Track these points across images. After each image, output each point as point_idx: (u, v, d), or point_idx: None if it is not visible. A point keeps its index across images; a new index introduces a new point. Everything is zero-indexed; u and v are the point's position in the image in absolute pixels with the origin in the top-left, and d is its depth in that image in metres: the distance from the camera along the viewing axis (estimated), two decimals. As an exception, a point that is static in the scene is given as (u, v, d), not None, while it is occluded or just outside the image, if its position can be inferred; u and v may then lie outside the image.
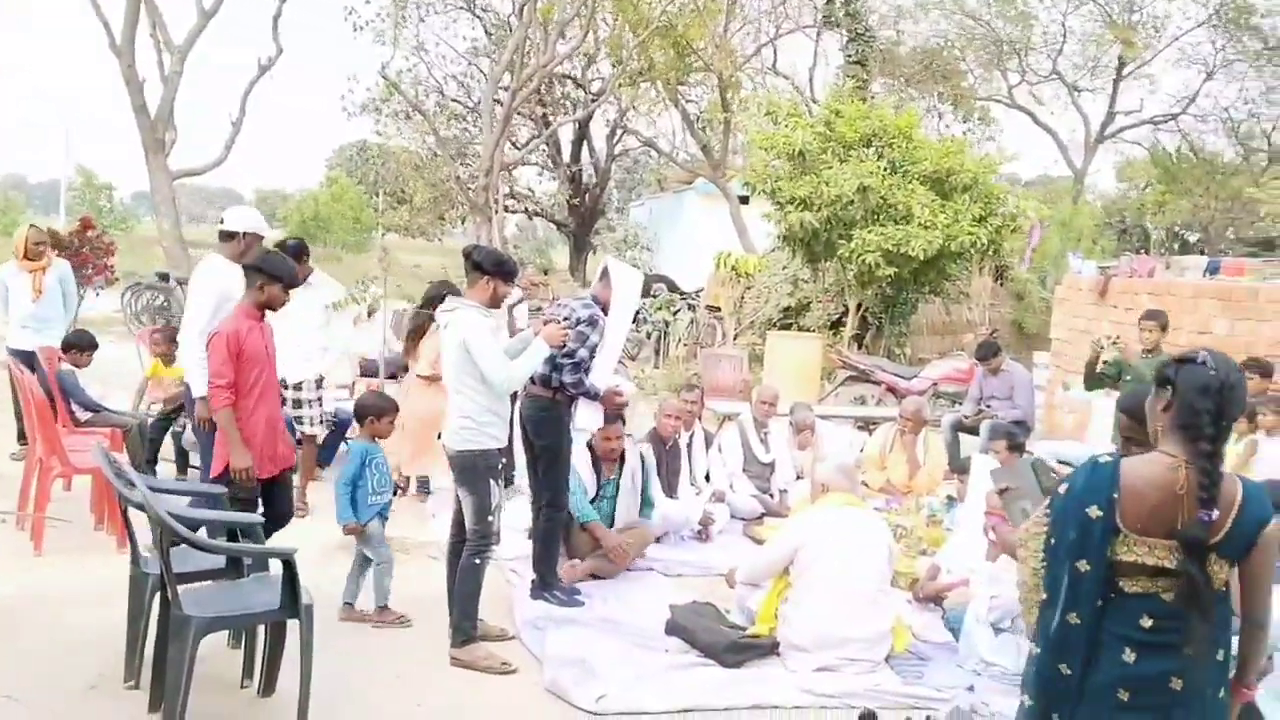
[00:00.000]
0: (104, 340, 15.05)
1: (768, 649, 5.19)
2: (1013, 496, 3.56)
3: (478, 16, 29.12)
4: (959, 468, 6.90)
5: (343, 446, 8.24)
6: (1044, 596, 2.83)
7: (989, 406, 9.84)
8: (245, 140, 20.26)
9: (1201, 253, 24.51)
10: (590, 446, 6.44)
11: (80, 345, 7.91)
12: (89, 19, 17.88)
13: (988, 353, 10.01)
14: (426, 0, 27.45)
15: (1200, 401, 2.71)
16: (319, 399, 7.45)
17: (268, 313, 5.23)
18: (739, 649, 5.15)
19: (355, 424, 6.00)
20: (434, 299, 7.07)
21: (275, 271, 5.17)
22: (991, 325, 15.74)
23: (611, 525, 6.54)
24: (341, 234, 35.58)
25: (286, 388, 6.86)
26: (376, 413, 5.73)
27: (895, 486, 8.50)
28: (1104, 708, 2.75)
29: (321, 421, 7.51)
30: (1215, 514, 2.66)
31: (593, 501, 6.40)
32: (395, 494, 6.14)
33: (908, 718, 4.53)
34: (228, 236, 6.05)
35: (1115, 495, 2.72)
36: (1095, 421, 9.25)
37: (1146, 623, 2.74)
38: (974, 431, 9.63)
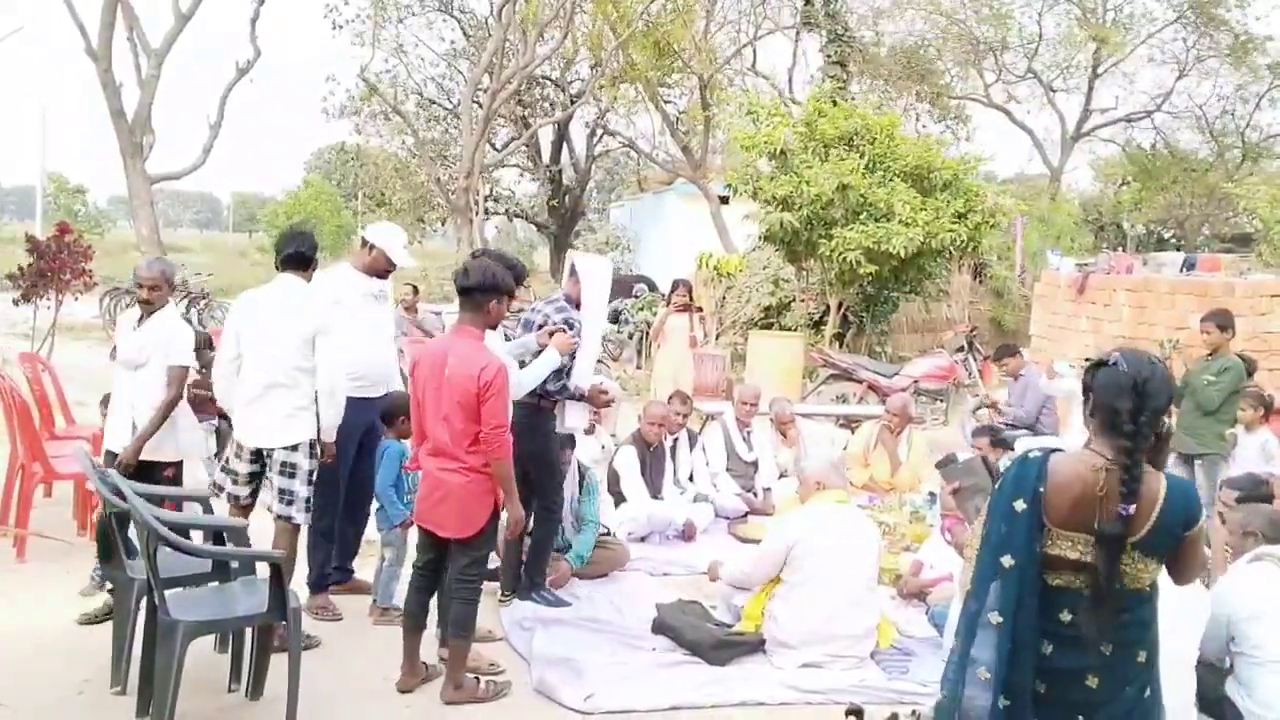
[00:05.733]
0: (83, 346, 15.00)
1: (753, 646, 5.22)
2: (966, 495, 3.54)
3: (456, 18, 29.08)
4: (944, 465, 6.93)
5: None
6: (969, 589, 2.85)
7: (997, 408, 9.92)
8: (222, 143, 20.13)
9: (1178, 249, 24.70)
10: None
11: None
12: (63, 22, 17.78)
13: (1003, 354, 9.99)
14: (405, 1, 27.40)
15: (1117, 401, 2.77)
16: None
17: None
18: (725, 646, 5.18)
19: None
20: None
21: None
22: (971, 323, 15.83)
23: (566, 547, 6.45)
24: (325, 236, 35.39)
25: None
26: (407, 413, 5.72)
27: (878, 484, 8.55)
28: (1023, 700, 2.76)
29: None
30: (1132, 509, 2.70)
31: None
32: None
33: (894, 713, 4.56)
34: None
35: (1041, 489, 2.76)
36: (1076, 414, 9.31)
37: (1066, 616, 2.78)
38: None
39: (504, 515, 4.67)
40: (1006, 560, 2.75)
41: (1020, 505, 2.76)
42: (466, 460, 4.46)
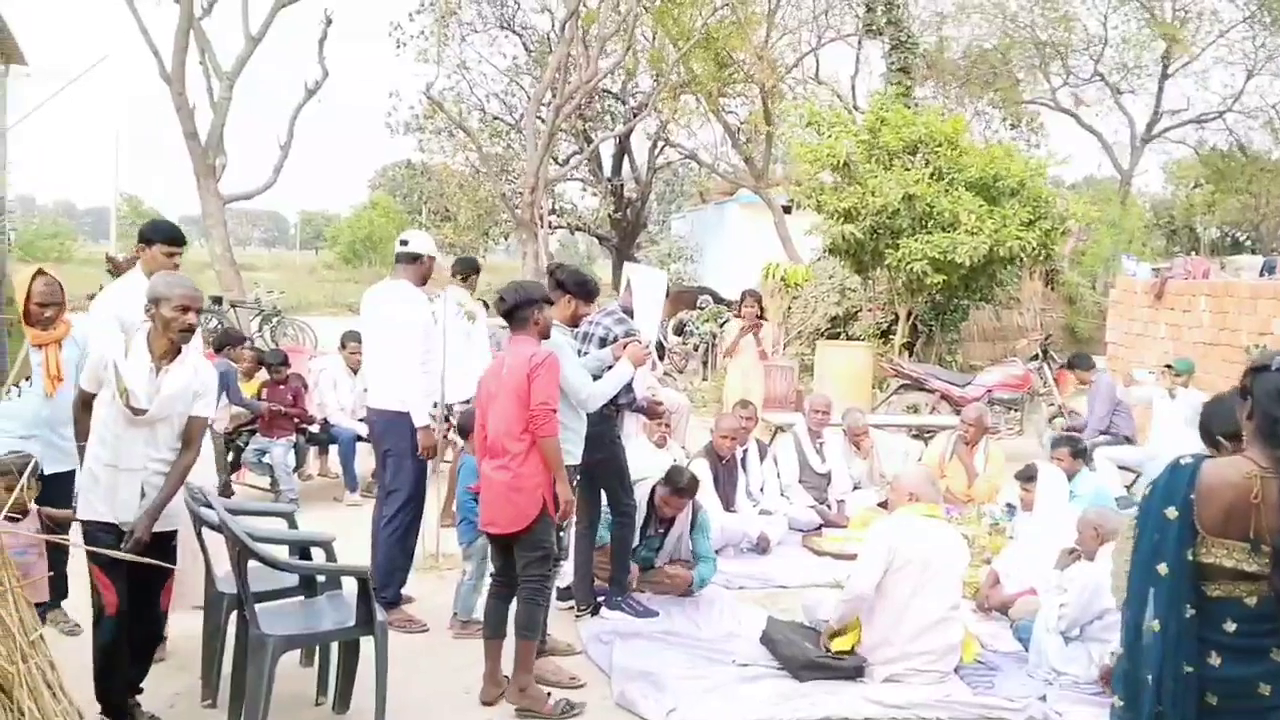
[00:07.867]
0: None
1: (850, 672, 5.07)
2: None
3: (518, 34, 29.36)
4: (1025, 475, 6.82)
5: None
6: (1124, 595, 2.85)
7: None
8: (289, 161, 20.41)
9: (1254, 252, 24.13)
10: (651, 499, 6.37)
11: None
12: (137, 46, 18.16)
13: (1078, 364, 9.90)
14: (467, 19, 27.73)
15: (1276, 408, 2.69)
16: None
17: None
18: (817, 668, 5.08)
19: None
20: None
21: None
22: (1044, 330, 15.58)
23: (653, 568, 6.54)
24: (391, 252, 35.93)
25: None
26: None
27: (955, 495, 8.43)
28: (1180, 709, 2.72)
29: None
30: None
31: (638, 547, 6.40)
32: None
33: (980, 728, 4.49)
34: (412, 259, 5.89)
35: (1192, 496, 2.71)
36: (1155, 423, 9.12)
37: (1230, 627, 2.72)
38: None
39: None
40: (1161, 569, 2.73)
41: (1172, 513, 2.72)
42: (514, 449, 4.58)
